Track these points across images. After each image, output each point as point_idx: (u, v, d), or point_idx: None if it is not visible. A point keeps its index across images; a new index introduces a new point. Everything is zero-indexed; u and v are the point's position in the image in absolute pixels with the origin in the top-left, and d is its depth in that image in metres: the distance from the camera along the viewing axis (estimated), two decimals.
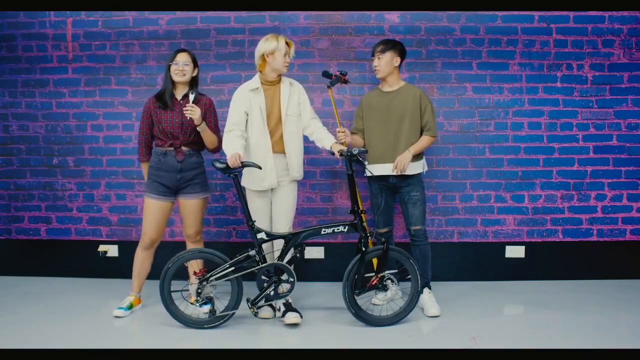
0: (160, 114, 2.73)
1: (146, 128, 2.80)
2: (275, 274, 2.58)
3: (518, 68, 3.39)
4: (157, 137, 2.77)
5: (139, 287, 2.86)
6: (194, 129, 2.74)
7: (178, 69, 2.71)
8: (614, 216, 3.43)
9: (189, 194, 2.78)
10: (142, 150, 2.84)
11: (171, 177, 2.74)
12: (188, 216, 2.81)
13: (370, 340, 2.37)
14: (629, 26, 3.36)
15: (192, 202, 2.79)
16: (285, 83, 2.77)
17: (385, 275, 2.59)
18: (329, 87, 2.91)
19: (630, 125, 3.41)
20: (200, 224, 2.87)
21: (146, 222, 2.77)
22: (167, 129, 2.72)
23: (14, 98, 3.52)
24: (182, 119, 2.71)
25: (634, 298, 3.03)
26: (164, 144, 2.75)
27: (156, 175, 2.75)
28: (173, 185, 2.75)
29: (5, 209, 3.57)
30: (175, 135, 2.73)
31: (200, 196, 2.81)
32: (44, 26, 3.46)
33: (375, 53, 2.84)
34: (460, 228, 3.44)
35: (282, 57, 2.65)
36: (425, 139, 2.83)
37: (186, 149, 2.76)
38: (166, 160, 2.74)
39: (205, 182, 2.85)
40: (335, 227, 2.59)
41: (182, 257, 2.55)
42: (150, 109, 2.77)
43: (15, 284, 3.34)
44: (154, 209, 2.75)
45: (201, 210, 2.84)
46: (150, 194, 2.75)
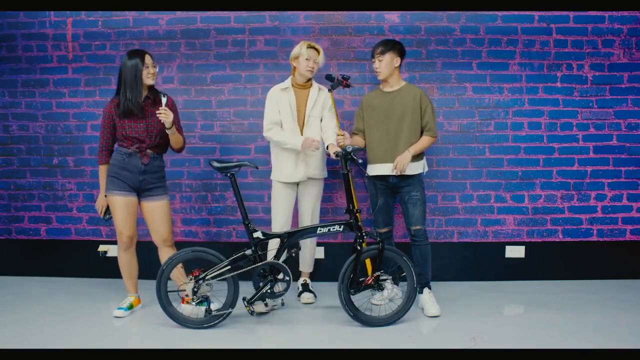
0: (123, 120, 2.64)
1: (108, 132, 2.69)
2: (271, 273, 2.58)
3: (518, 68, 3.39)
4: (121, 140, 2.69)
5: (134, 287, 2.85)
6: (159, 132, 2.70)
7: (150, 72, 2.64)
8: (614, 216, 3.43)
9: (153, 197, 2.73)
10: (103, 153, 2.72)
11: (134, 177, 2.67)
12: (157, 220, 2.74)
13: (370, 340, 2.37)
14: (629, 26, 3.36)
15: (159, 205, 2.74)
16: (315, 87, 2.99)
17: (381, 275, 2.58)
18: (330, 91, 2.95)
19: (630, 125, 3.41)
20: (170, 227, 2.81)
21: (118, 221, 2.70)
22: (131, 134, 2.65)
23: (14, 98, 3.52)
24: (146, 123, 2.66)
25: (634, 298, 3.03)
26: (129, 146, 2.67)
27: (119, 174, 2.66)
28: (135, 185, 2.69)
29: (5, 209, 3.57)
30: (141, 139, 2.67)
31: (164, 198, 2.77)
32: (44, 26, 3.46)
33: (375, 55, 2.83)
34: (460, 228, 3.44)
35: (305, 62, 2.86)
36: (426, 139, 2.83)
37: (150, 152, 2.71)
38: (130, 161, 2.67)
39: (165, 185, 2.81)
40: (331, 227, 2.59)
41: (177, 258, 2.55)
42: (112, 113, 2.66)
43: (15, 284, 3.34)
44: (122, 206, 2.68)
45: (168, 212, 2.78)
46: (114, 192, 2.67)
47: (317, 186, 3.05)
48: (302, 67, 2.89)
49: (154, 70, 2.66)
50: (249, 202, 3.27)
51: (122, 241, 2.74)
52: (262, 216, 3.43)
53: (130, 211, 2.71)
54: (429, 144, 2.86)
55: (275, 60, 3.41)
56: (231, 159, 3.35)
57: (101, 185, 2.75)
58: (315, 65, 2.90)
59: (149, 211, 2.75)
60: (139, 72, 2.60)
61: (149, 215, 2.76)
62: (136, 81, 2.60)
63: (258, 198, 3.45)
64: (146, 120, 2.67)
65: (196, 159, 3.46)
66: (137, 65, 2.59)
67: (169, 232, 2.79)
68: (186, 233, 3.46)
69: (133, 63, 2.59)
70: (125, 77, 2.61)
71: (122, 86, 2.62)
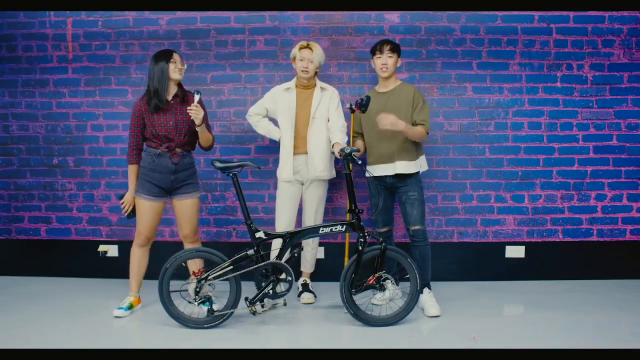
0: (152, 117, 2.68)
1: (138, 131, 2.72)
2: (273, 273, 2.58)
3: (518, 68, 3.39)
4: (150, 139, 2.73)
5: (137, 286, 2.85)
6: (188, 130, 2.73)
7: (177, 67, 2.68)
8: (614, 216, 3.43)
9: (184, 194, 2.77)
10: (133, 153, 2.75)
11: (165, 178, 2.71)
12: (184, 217, 2.79)
13: (370, 340, 2.37)
14: (629, 26, 3.36)
15: (188, 202, 2.78)
16: (318, 88, 2.98)
17: (382, 275, 2.59)
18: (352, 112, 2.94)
19: (630, 125, 3.41)
20: (197, 223, 2.86)
21: (140, 223, 2.75)
22: (161, 132, 2.68)
23: (14, 98, 3.52)
24: (176, 120, 2.69)
25: (634, 298, 3.03)
26: (158, 146, 2.71)
27: (149, 176, 2.70)
28: (167, 186, 2.73)
29: (5, 209, 3.57)
30: (170, 138, 2.70)
31: (194, 196, 2.80)
32: (44, 26, 3.46)
33: (384, 51, 2.80)
34: (460, 228, 3.44)
35: (299, 63, 2.89)
36: (419, 128, 2.76)
37: (180, 150, 2.74)
38: (160, 162, 2.70)
39: (197, 182, 2.85)
40: (333, 227, 2.59)
41: (180, 257, 2.55)
42: (142, 111, 2.70)
43: (15, 284, 3.34)
44: (148, 210, 2.73)
45: (197, 209, 2.83)
46: (143, 195, 2.71)
47: (322, 187, 3.04)
48: (297, 68, 2.92)
49: (181, 66, 2.70)
50: (249, 202, 3.26)
51: (139, 238, 2.78)
52: (262, 216, 3.43)
53: (155, 216, 2.76)
54: (421, 135, 2.77)
55: (275, 60, 3.41)
56: (231, 159, 3.35)
57: (130, 184, 2.78)
58: (310, 65, 2.87)
59: (179, 208, 2.79)
60: (166, 68, 2.65)
61: (177, 211, 2.80)
62: (163, 75, 2.65)
63: (258, 198, 3.45)
64: (175, 117, 2.69)
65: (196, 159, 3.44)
66: (164, 63, 2.65)
67: (192, 229, 2.82)
68: None
69: (160, 61, 2.66)
70: (152, 74, 2.67)
71: (150, 82, 2.68)
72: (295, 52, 2.92)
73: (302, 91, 2.97)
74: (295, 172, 2.96)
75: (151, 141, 2.72)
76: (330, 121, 2.97)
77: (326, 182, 3.07)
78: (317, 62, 2.91)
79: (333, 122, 2.96)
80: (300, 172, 2.98)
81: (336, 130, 2.92)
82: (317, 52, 2.90)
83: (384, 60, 2.82)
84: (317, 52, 2.90)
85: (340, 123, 2.95)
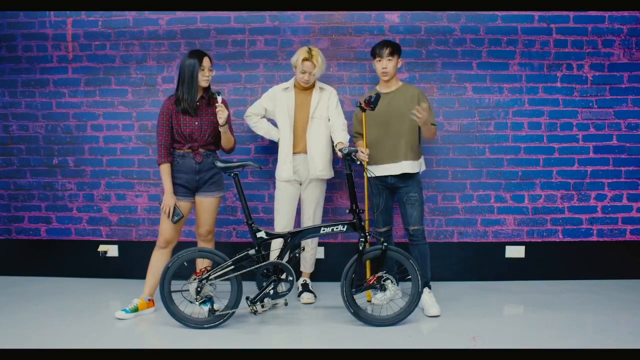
0: (179, 117, 2.70)
1: (167, 130, 2.71)
2: (274, 273, 2.58)
3: (518, 68, 3.39)
4: (175, 139, 2.74)
5: (150, 290, 2.79)
6: (212, 131, 2.75)
7: (205, 75, 2.68)
8: (614, 216, 3.43)
9: (206, 193, 2.79)
10: (163, 152, 2.71)
11: (191, 178, 2.74)
12: (203, 214, 2.81)
13: (370, 340, 2.37)
14: (629, 26, 3.37)
15: (209, 201, 2.80)
16: (317, 88, 2.99)
17: (383, 275, 2.59)
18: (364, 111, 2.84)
19: (630, 125, 3.41)
20: (214, 223, 2.87)
21: (163, 224, 2.74)
22: (185, 132, 2.70)
23: (14, 98, 3.52)
24: (200, 121, 2.72)
25: (634, 298, 3.03)
26: (181, 146, 2.73)
27: (176, 177, 2.73)
28: (192, 185, 2.76)
29: (5, 209, 3.57)
30: (194, 138, 2.72)
31: (217, 195, 2.82)
32: (44, 26, 3.46)
33: (384, 56, 2.81)
34: (460, 228, 3.44)
35: (300, 75, 2.87)
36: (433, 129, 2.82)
37: (203, 150, 2.76)
38: (185, 162, 2.73)
39: (221, 181, 2.86)
40: (334, 227, 2.59)
41: (182, 256, 2.55)
42: (171, 110, 2.70)
43: (15, 284, 3.34)
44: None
45: (216, 208, 2.85)
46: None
47: (321, 187, 3.05)
48: (298, 78, 2.92)
49: (209, 74, 2.70)
50: (249, 202, 3.26)
51: (159, 240, 2.77)
52: (262, 216, 3.43)
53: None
54: (432, 133, 2.83)
55: (275, 60, 3.41)
56: (231, 159, 3.35)
57: (166, 185, 2.71)
58: (311, 77, 2.88)
59: (199, 205, 2.81)
60: (196, 73, 2.64)
61: (198, 207, 2.82)
62: (192, 81, 2.65)
63: (258, 198, 3.45)
64: (200, 119, 2.71)
65: None
66: (195, 66, 2.64)
67: (208, 228, 2.83)
68: (186, 233, 3.45)
69: (191, 62, 2.64)
70: (183, 76, 2.67)
71: (180, 84, 2.68)
72: (297, 62, 2.85)
73: (301, 91, 2.98)
74: (294, 171, 2.97)
75: (175, 141, 2.74)
76: (331, 120, 2.97)
77: (324, 181, 3.08)
78: (318, 74, 2.92)
79: (334, 121, 2.96)
80: (298, 172, 2.99)
81: (338, 129, 2.93)
82: (319, 66, 2.87)
83: (384, 64, 2.83)
84: (320, 65, 2.86)
85: (341, 122, 2.96)
